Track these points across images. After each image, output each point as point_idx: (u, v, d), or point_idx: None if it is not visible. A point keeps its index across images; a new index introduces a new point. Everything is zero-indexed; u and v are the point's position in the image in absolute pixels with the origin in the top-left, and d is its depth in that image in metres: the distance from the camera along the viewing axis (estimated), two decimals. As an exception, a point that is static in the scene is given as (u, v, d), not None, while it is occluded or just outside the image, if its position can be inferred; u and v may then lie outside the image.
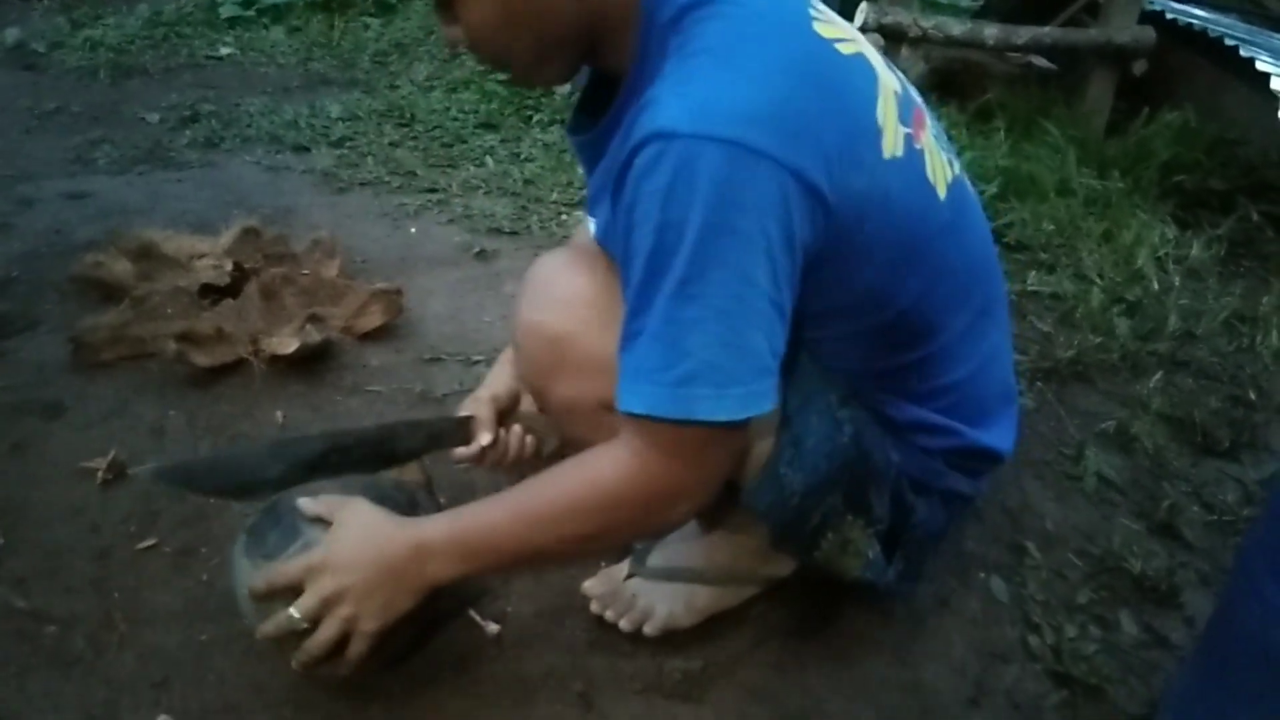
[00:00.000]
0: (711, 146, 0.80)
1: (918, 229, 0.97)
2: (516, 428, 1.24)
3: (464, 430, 1.22)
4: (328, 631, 0.97)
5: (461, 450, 1.22)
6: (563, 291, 1.06)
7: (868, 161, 0.89)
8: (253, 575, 1.01)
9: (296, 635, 0.99)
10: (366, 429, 1.21)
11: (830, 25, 0.93)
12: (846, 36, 0.94)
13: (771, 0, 0.91)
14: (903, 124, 0.95)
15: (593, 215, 1.06)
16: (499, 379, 1.28)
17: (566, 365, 1.04)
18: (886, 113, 0.92)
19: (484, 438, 1.21)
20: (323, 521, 1.02)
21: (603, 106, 1.01)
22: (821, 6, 0.96)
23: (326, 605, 0.97)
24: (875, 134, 0.90)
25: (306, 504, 1.03)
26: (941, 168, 1.01)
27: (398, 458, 1.20)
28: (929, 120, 1.03)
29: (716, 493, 0.97)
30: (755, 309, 0.85)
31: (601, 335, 1.01)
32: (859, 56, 0.94)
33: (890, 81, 0.97)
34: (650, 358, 0.87)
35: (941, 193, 1.00)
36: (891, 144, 0.92)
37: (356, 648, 0.98)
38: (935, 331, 1.04)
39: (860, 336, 1.01)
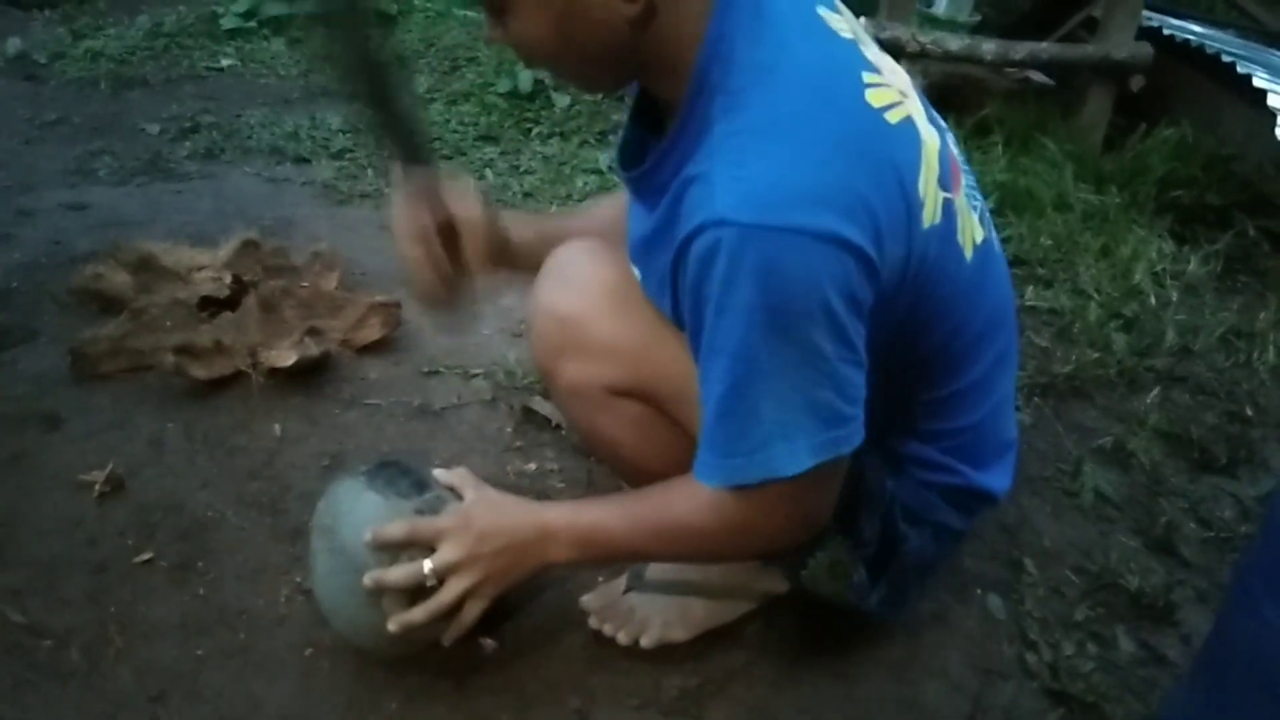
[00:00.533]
0: (766, 235, 0.82)
1: (945, 291, 0.98)
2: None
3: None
4: (453, 591, 1.02)
5: None
6: (580, 276, 1.08)
7: (911, 234, 0.90)
8: (383, 513, 1.05)
9: (406, 593, 1.03)
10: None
11: (880, 90, 0.91)
12: (895, 100, 0.92)
13: (824, 67, 0.90)
14: (942, 189, 0.95)
15: (637, 251, 1.06)
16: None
17: (576, 347, 1.07)
18: (928, 182, 0.93)
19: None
20: (452, 489, 1.09)
21: (649, 139, 1.02)
22: (875, 58, 0.95)
23: (459, 566, 1.02)
24: (919, 207, 0.91)
25: (441, 473, 1.11)
26: (971, 229, 1.02)
27: None
28: (964, 176, 1.03)
29: (831, 513, 1.00)
30: (821, 372, 0.87)
31: (613, 321, 1.05)
32: (906, 123, 0.93)
33: (932, 141, 0.96)
34: (719, 433, 0.91)
35: (968, 254, 1.00)
36: (931, 213, 0.93)
37: (471, 612, 1.04)
38: (948, 380, 1.05)
39: (887, 386, 1.01)
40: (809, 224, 0.82)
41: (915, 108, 0.96)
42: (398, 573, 1.02)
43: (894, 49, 3.12)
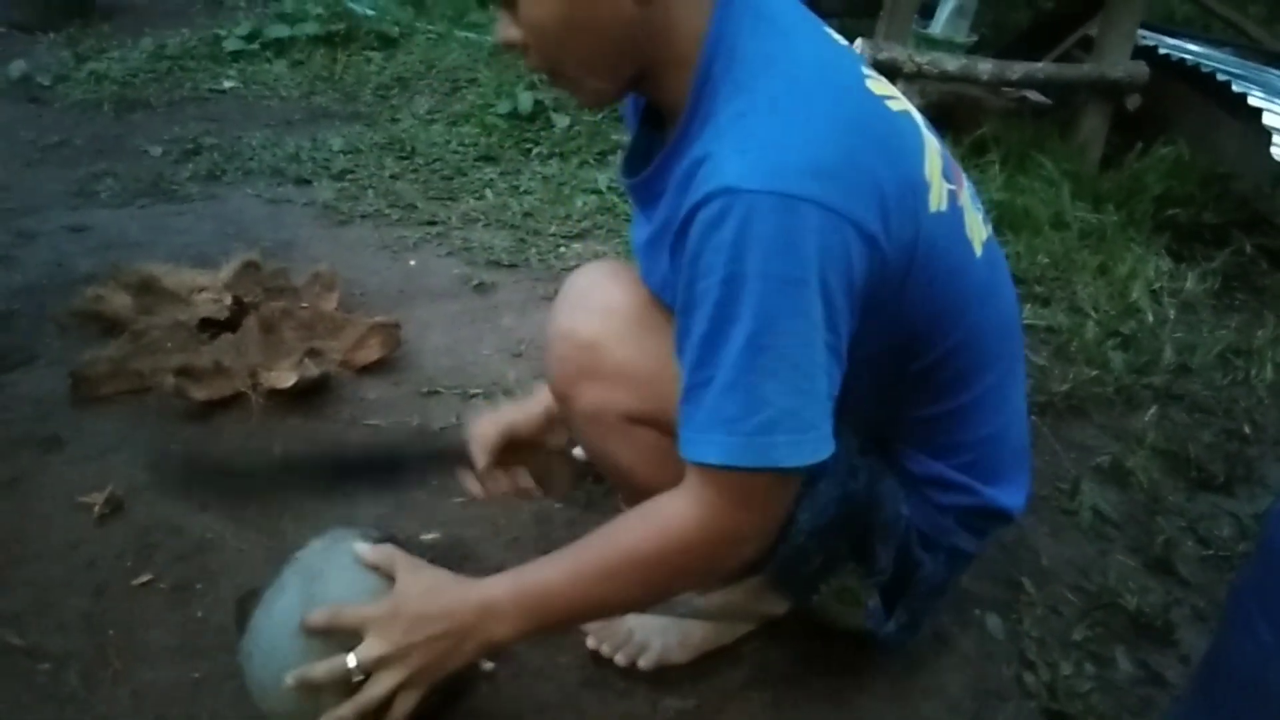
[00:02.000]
0: (775, 200, 0.81)
1: (958, 285, 0.98)
2: (523, 472, 1.24)
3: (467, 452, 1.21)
4: (381, 687, 0.94)
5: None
6: (599, 301, 1.07)
7: (918, 214, 0.91)
8: (305, 606, 0.98)
9: (335, 685, 0.95)
10: (374, 445, 1.20)
11: (880, 83, 0.95)
12: (894, 94, 0.96)
13: (825, 57, 0.93)
14: (946, 180, 0.96)
15: (641, 257, 1.07)
16: (526, 406, 1.27)
17: (594, 373, 1.05)
18: (933, 168, 0.94)
19: (479, 459, 1.21)
20: (379, 571, 1.01)
21: (654, 147, 1.02)
22: (868, 69, 0.98)
23: (387, 660, 0.94)
24: (924, 188, 0.92)
25: (365, 550, 1.02)
26: (977, 226, 1.03)
27: (402, 471, 1.19)
28: (965, 180, 1.05)
29: (777, 527, 0.97)
30: (820, 354, 0.86)
31: (633, 347, 1.03)
32: (906, 114, 0.96)
33: (932, 140, 0.98)
34: (725, 408, 0.86)
35: (978, 250, 1.01)
36: (937, 199, 0.94)
37: (402, 707, 0.95)
38: (962, 388, 1.04)
39: (889, 388, 1.02)
40: (818, 195, 0.82)
41: (913, 109, 0.99)
42: (321, 668, 0.95)
43: (891, 70, 3.14)
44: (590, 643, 1.23)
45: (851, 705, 1.22)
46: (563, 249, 2.47)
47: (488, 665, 1.20)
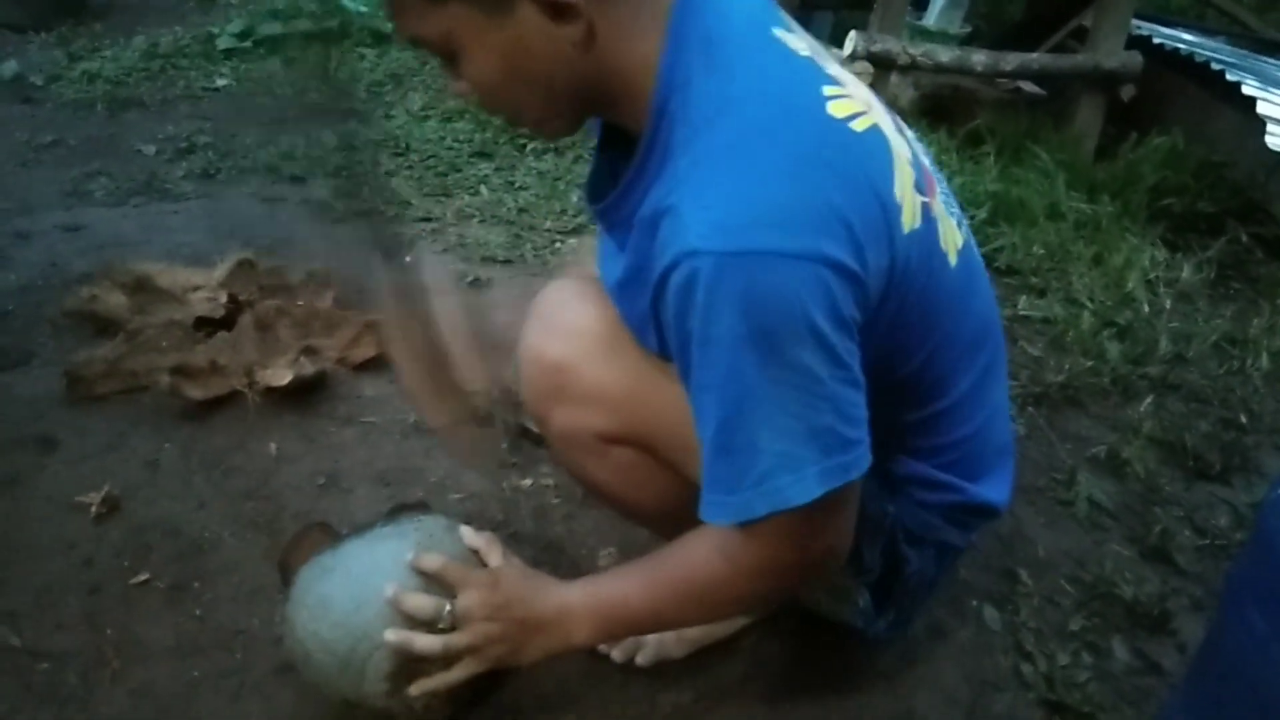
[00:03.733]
0: (739, 261, 0.80)
1: (934, 296, 0.97)
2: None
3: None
4: (463, 639, 1.00)
5: None
6: (569, 321, 1.06)
7: (893, 238, 0.89)
8: (418, 549, 1.04)
9: (419, 627, 1.00)
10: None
11: (844, 102, 0.90)
12: (860, 110, 0.91)
13: (782, 85, 0.89)
14: (918, 193, 0.95)
15: (616, 299, 1.05)
16: (508, 304, 1.27)
17: (565, 394, 1.05)
18: (904, 186, 0.92)
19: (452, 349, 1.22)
20: (477, 555, 1.08)
21: (618, 167, 1.00)
22: (836, 73, 0.94)
23: (475, 620, 1.01)
24: (896, 211, 0.90)
25: (469, 533, 1.10)
26: (952, 233, 1.01)
27: None
28: (939, 184, 1.03)
29: (849, 543, 0.98)
30: (817, 395, 0.85)
31: (603, 367, 1.02)
32: (873, 130, 0.92)
33: (903, 150, 0.96)
34: (720, 470, 0.88)
35: (953, 259, 1.00)
36: (910, 217, 0.92)
37: (457, 673, 1.02)
38: (941, 393, 1.04)
39: (876, 398, 1.01)
40: (783, 244, 0.81)
41: (881, 117, 0.95)
42: (418, 599, 1.01)
43: (885, 61, 3.15)
44: (588, 638, 1.24)
45: (849, 698, 1.22)
46: (558, 244, 2.47)
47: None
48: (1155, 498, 1.69)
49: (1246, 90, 2.97)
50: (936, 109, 3.46)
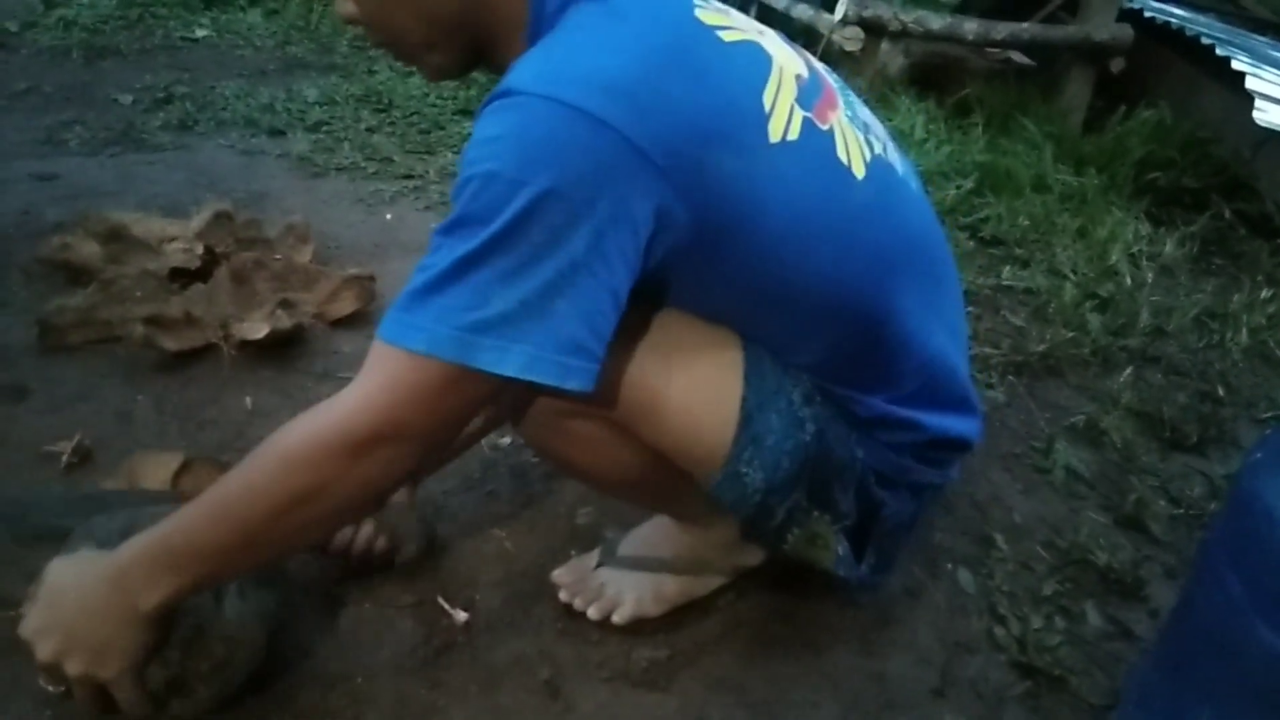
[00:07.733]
0: (552, 106, 0.78)
1: (830, 209, 0.94)
2: (367, 527, 1.21)
3: None
4: (80, 690, 0.92)
5: None
6: None
7: (747, 143, 0.87)
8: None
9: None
10: (165, 493, 1.18)
11: (716, 14, 0.92)
12: (734, 25, 0.93)
13: (654, 4, 0.89)
14: (802, 107, 0.93)
15: None
16: None
17: None
18: (780, 96, 0.91)
19: None
20: None
21: None
22: (722, 9, 0.95)
23: (55, 669, 0.90)
24: (758, 116, 0.89)
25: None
26: (858, 146, 0.99)
27: None
28: (843, 101, 1.02)
29: (431, 451, 0.89)
30: (570, 279, 0.80)
31: None
32: (747, 43, 0.92)
33: (792, 66, 0.95)
34: (448, 297, 0.80)
35: (859, 171, 0.97)
36: (781, 127, 0.90)
37: (122, 694, 0.92)
38: (884, 316, 1.00)
39: (808, 328, 1.00)
40: (601, 110, 0.78)
41: (768, 39, 0.96)
42: (51, 689, 0.98)
43: (876, 27, 3.12)
44: (563, 596, 1.23)
45: (823, 656, 1.22)
46: (541, 204, 2.44)
47: (461, 616, 1.20)
48: (1131, 467, 1.70)
49: (1236, 65, 2.96)
50: (926, 78, 3.45)
